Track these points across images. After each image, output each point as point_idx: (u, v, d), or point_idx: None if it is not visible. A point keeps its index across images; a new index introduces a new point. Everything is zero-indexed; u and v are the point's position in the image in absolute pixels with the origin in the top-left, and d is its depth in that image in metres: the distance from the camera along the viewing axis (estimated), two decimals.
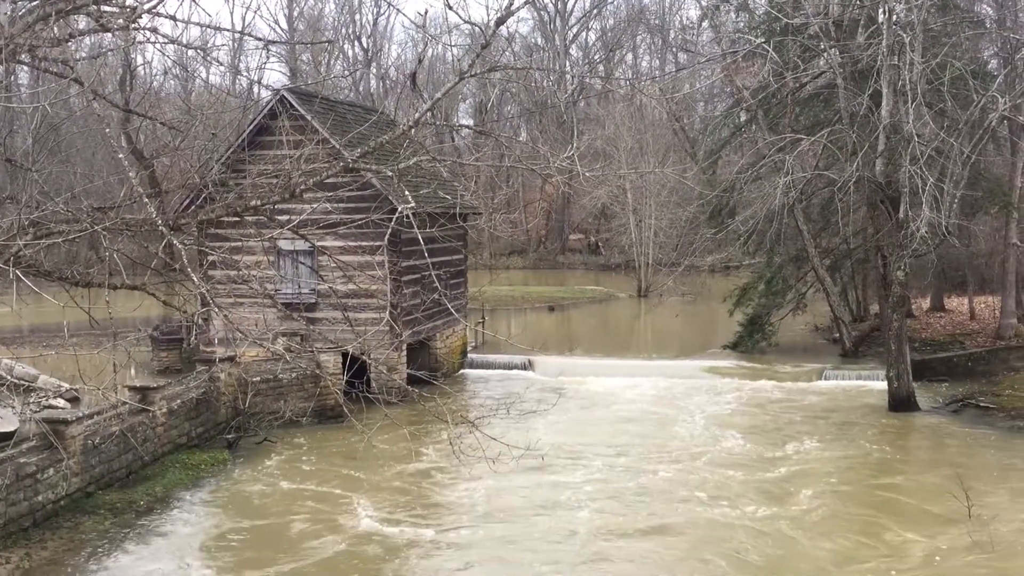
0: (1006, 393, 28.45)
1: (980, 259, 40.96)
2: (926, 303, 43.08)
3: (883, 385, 28.21)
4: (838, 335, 35.99)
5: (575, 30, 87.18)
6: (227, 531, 18.01)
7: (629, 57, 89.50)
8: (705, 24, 61.21)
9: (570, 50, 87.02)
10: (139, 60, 61.53)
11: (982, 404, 27.46)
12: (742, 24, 37.73)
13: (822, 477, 21.13)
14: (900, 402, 27.15)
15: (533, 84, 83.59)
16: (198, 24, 10.78)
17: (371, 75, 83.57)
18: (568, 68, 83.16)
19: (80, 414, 19.36)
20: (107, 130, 15.07)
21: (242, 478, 21.21)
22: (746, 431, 25.16)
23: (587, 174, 15.96)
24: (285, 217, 12.17)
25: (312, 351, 24.63)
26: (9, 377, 22.51)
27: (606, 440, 24.34)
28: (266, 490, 20.38)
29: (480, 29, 11.01)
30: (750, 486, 20.35)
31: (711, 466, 21.91)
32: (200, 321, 26.48)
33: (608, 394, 29.83)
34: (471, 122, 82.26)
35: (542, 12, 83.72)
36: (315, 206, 17.42)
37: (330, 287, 20.54)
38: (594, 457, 22.77)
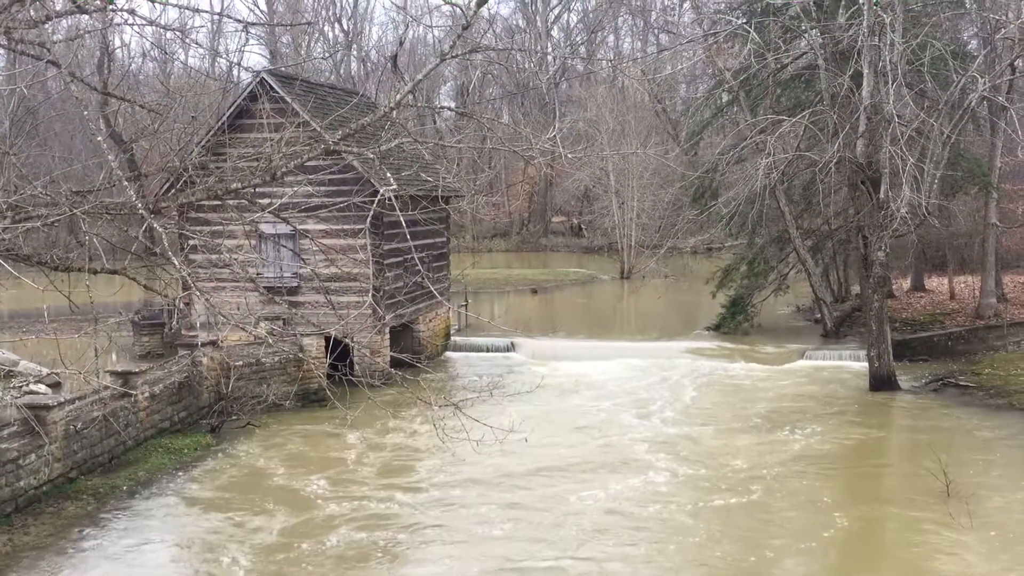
0: (985, 372, 28.72)
1: (960, 239, 41.21)
2: (906, 283, 43.32)
3: (864, 365, 28.43)
4: (819, 316, 36.20)
5: (556, 11, 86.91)
6: (210, 516, 17.98)
7: (611, 39, 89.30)
8: (686, 5, 61.12)
9: (551, 31, 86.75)
10: (117, 42, 61.09)
11: (962, 383, 27.72)
12: (723, 5, 37.69)
13: (802, 456, 21.30)
14: (881, 381, 27.36)
15: (515, 66, 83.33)
16: (176, 5, 10.70)
17: (352, 57, 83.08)
18: (550, 50, 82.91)
19: (62, 399, 19.28)
20: (85, 113, 14.94)
21: (225, 462, 21.18)
22: (727, 413, 25.31)
23: (569, 156, 15.99)
24: (266, 200, 12.11)
25: (295, 335, 24.59)
26: None
27: (582, 419, 24.48)
28: (249, 474, 20.37)
29: (461, 10, 11.01)
30: (726, 467, 20.47)
31: (689, 446, 22.05)
32: (182, 305, 26.34)
33: (590, 375, 29.88)
34: (453, 104, 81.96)
35: None
36: (296, 189, 17.36)
37: (312, 270, 20.55)
38: (569, 434, 23.03)
